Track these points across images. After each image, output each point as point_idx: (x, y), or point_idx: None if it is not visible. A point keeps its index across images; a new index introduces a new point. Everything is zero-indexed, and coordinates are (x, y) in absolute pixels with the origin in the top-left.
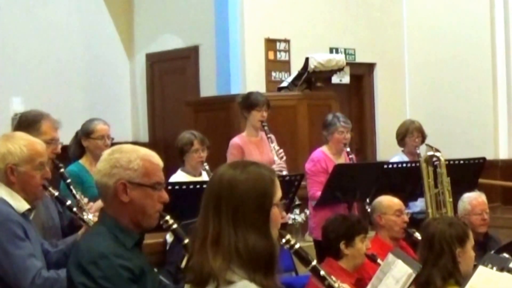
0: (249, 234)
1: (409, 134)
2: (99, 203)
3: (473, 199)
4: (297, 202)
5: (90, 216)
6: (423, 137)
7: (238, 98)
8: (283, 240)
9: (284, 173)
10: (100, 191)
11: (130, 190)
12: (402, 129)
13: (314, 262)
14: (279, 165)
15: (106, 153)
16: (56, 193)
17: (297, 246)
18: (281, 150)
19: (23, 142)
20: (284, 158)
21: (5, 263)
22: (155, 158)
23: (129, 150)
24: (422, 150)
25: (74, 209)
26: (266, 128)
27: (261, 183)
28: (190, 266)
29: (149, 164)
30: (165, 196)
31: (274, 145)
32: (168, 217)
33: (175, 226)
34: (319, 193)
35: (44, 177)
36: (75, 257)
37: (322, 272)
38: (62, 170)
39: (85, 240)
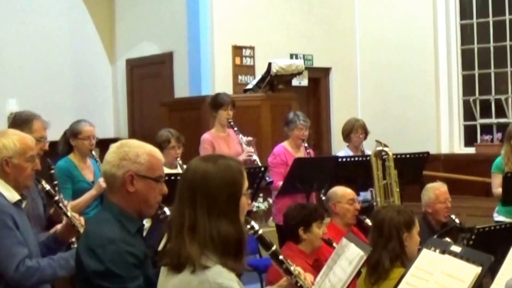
0: (221, 222)
1: (354, 130)
2: (74, 202)
3: (436, 188)
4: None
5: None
6: (366, 133)
7: (208, 99)
8: (248, 226)
9: (254, 157)
10: (107, 180)
11: (136, 182)
12: (347, 126)
13: (274, 247)
14: (248, 152)
15: (114, 146)
16: (48, 187)
17: (260, 232)
18: (250, 138)
19: (16, 137)
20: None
21: None
22: (159, 154)
23: (136, 145)
24: (366, 146)
25: (60, 204)
26: (232, 123)
27: (231, 175)
28: (167, 250)
29: (154, 159)
30: (165, 188)
31: (241, 136)
32: (166, 209)
33: None
34: (280, 183)
35: (34, 169)
36: (85, 242)
37: (280, 257)
38: (52, 171)
39: (93, 226)
